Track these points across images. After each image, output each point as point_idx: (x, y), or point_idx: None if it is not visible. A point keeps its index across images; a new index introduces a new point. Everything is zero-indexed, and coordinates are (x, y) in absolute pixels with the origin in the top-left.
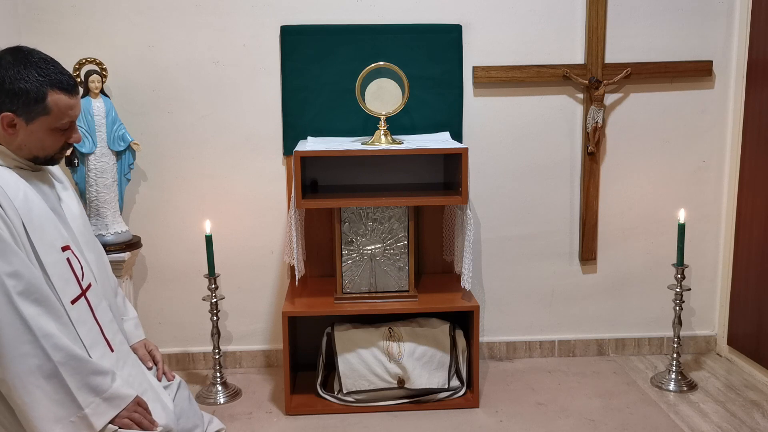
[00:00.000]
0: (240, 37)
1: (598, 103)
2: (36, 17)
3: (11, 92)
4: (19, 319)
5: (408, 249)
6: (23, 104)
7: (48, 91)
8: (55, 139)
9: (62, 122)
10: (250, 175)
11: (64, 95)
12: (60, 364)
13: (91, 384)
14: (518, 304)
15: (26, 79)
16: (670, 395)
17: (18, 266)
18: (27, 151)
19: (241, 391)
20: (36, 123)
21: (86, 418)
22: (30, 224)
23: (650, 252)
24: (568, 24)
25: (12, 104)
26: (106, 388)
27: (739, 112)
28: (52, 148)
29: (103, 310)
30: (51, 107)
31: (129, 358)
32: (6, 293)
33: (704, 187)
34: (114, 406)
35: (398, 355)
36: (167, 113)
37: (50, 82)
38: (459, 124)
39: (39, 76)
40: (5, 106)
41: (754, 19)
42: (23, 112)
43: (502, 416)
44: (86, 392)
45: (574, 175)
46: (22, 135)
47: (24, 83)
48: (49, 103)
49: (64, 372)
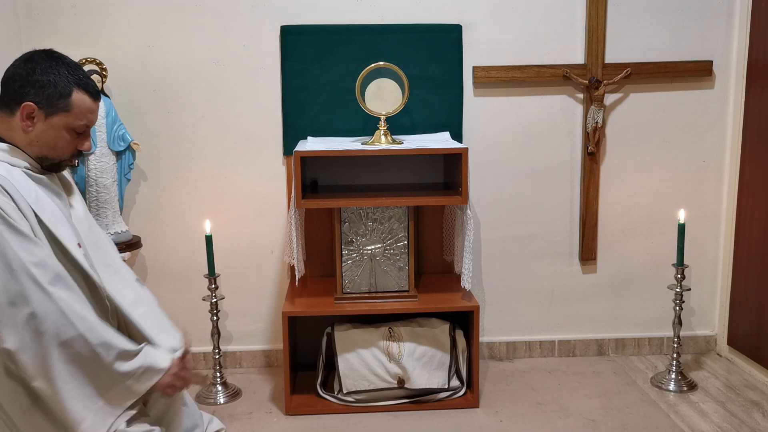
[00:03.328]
0: (240, 37)
1: (598, 103)
2: (36, 17)
3: (39, 83)
4: (55, 307)
5: (408, 249)
6: (47, 97)
7: (74, 89)
8: (68, 141)
9: (80, 123)
10: (250, 175)
11: (88, 98)
12: (97, 345)
13: (126, 359)
14: (518, 304)
15: (56, 73)
16: (670, 395)
17: (42, 256)
18: (38, 149)
19: (241, 391)
20: (55, 118)
21: (128, 388)
22: (49, 221)
23: (650, 252)
24: (568, 24)
25: (36, 95)
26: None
27: (739, 112)
28: (63, 151)
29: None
30: (73, 105)
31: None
32: (37, 283)
33: (704, 187)
34: (150, 377)
35: (398, 355)
36: (167, 113)
37: (78, 81)
38: (459, 124)
39: (68, 73)
40: (29, 96)
41: (754, 19)
42: (46, 104)
43: (502, 416)
44: (123, 366)
45: (574, 175)
46: (38, 129)
47: (54, 76)
48: (73, 101)
49: (101, 351)
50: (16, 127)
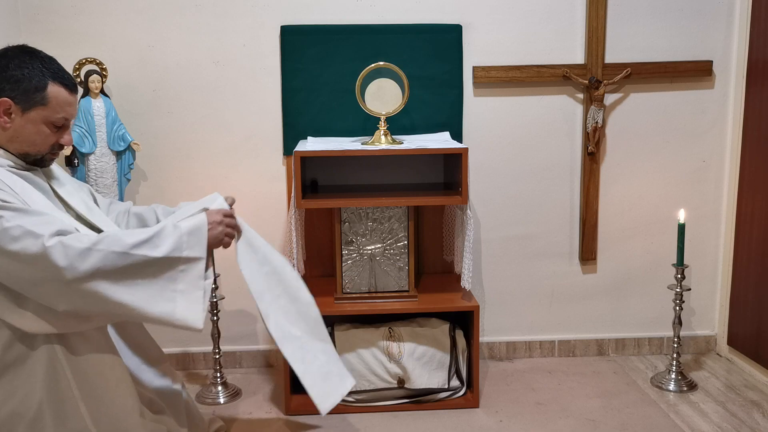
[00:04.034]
0: (240, 37)
1: (598, 103)
2: (36, 17)
3: (13, 78)
4: (68, 250)
5: (408, 249)
6: (23, 91)
7: (49, 81)
8: (47, 135)
9: (58, 116)
10: (250, 175)
11: (65, 90)
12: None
13: (157, 244)
14: (518, 304)
15: (30, 67)
16: (670, 395)
17: (58, 226)
18: (18, 145)
19: (241, 391)
20: (32, 113)
21: (190, 259)
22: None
23: (650, 252)
24: (568, 24)
25: (12, 90)
26: (174, 232)
27: (739, 112)
28: (43, 145)
29: None
30: (50, 98)
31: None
32: (74, 248)
33: (704, 187)
34: (198, 234)
35: (398, 355)
36: (167, 113)
37: (52, 74)
38: (459, 124)
39: (42, 67)
40: (5, 92)
41: (754, 19)
42: (22, 99)
43: (502, 416)
44: (170, 246)
45: (574, 175)
46: (17, 125)
47: (27, 70)
48: (49, 94)
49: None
50: None
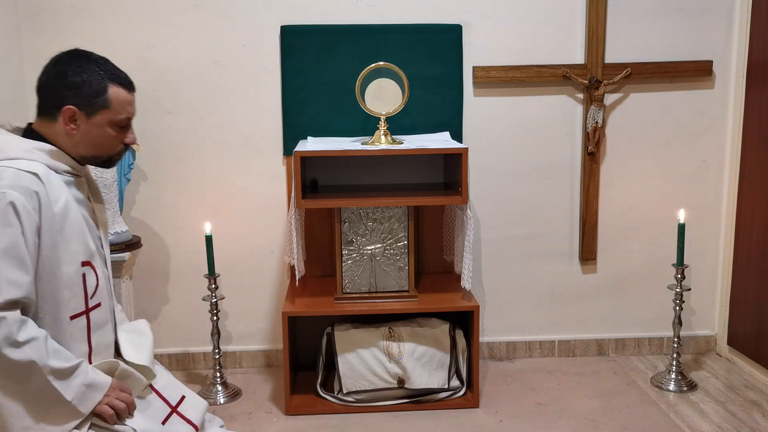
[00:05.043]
0: (240, 37)
1: (598, 103)
2: (36, 17)
3: (74, 85)
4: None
5: (408, 249)
6: (85, 97)
7: (108, 84)
8: (113, 137)
9: (121, 117)
10: (250, 175)
11: (123, 90)
12: (52, 375)
13: (62, 376)
14: (518, 304)
15: (88, 71)
16: (670, 395)
17: (14, 296)
18: (84, 149)
19: (241, 391)
20: (97, 117)
21: (76, 411)
22: (61, 233)
23: (650, 252)
24: (568, 24)
25: (75, 97)
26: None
27: (739, 112)
28: (110, 147)
29: (101, 334)
30: (111, 100)
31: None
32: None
33: (704, 187)
34: (92, 396)
35: (398, 355)
36: (167, 113)
37: (110, 76)
38: (459, 124)
39: (99, 70)
40: (67, 100)
41: (754, 19)
42: (85, 105)
43: (502, 416)
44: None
45: (574, 175)
46: (83, 130)
47: (86, 75)
48: (110, 96)
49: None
50: (60, 131)
